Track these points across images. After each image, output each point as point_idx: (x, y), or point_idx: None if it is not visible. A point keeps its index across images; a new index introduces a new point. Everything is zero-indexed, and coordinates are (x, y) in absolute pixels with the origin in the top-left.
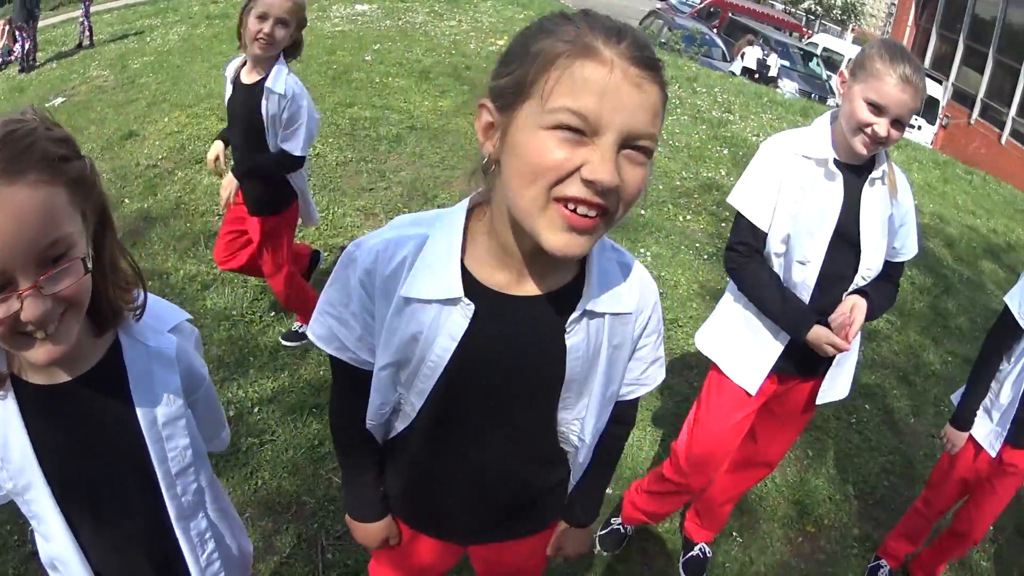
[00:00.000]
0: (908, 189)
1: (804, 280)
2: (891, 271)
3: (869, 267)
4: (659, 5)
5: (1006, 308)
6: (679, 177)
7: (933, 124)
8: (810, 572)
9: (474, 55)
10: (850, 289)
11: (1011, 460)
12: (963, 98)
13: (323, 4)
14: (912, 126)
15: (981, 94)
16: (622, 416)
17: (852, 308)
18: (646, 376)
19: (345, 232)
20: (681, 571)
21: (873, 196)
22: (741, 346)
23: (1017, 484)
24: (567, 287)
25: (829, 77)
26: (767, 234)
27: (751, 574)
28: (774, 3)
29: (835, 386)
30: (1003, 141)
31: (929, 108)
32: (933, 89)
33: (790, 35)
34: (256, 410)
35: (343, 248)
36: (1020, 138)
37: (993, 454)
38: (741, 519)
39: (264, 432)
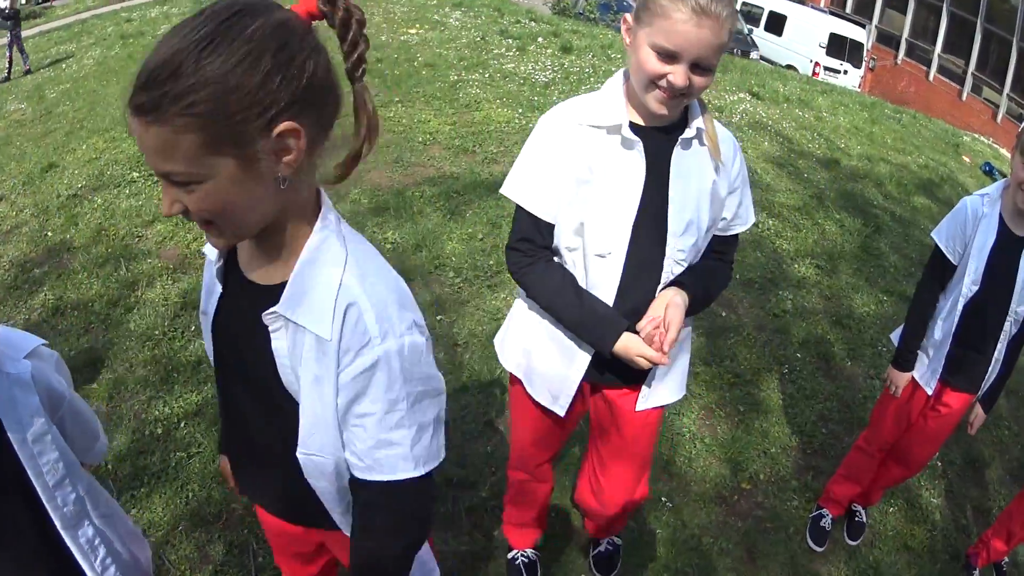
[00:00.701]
0: (734, 147)
1: (606, 278)
2: (722, 248)
3: (680, 249)
4: None
5: (935, 245)
6: None
7: (859, 68)
8: (748, 530)
9: (386, 47)
10: (662, 282)
11: (947, 400)
12: (888, 39)
13: None
14: (837, 71)
15: (905, 34)
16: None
17: (666, 309)
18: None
19: None
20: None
21: (686, 162)
22: (543, 360)
23: (952, 424)
24: None
25: (751, 31)
26: (554, 226)
27: (685, 538)
28: None
29: (662, 388)
30: (931, 78)
31: (854, 52)
32: (857, 33)
33: None
34: (183, 425)
35: None
36: (947, 74)
37: (929, 392)
38: (671, 483)
39: (191, 445)
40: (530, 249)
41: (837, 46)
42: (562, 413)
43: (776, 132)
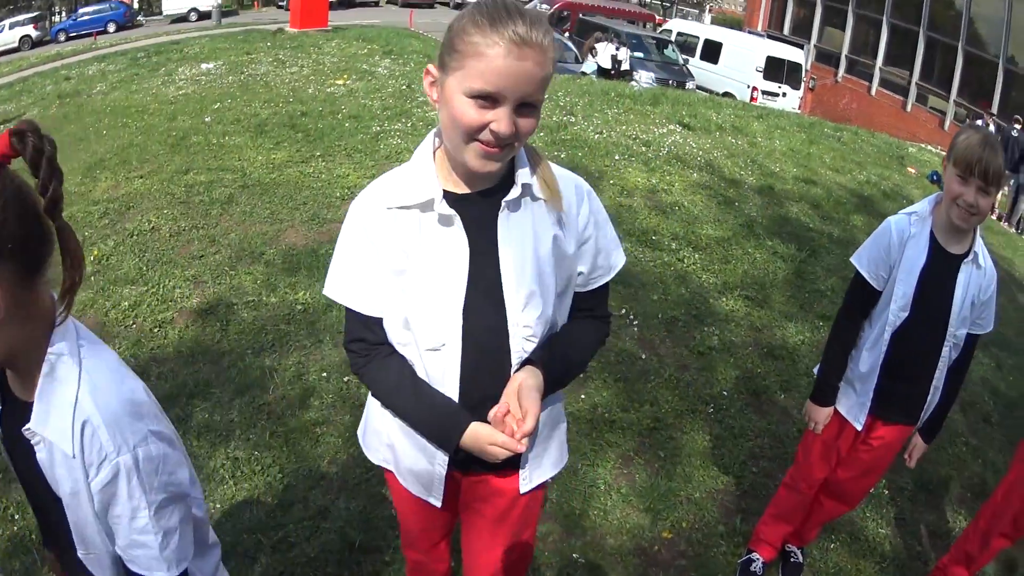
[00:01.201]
0: (580, 191)
1: (445, 371)
2: (589, 303)
3: (526, 324)
4: None
5: (856, 271)
6: None
7: (798, 89)
8: None
9: (311, 100)
10: (514, 364)
11: (880, 433)
12: (828, 58)
13: (169, 68)
14: (776, 94)
15: (845, 51)
16: None
17: (519, 392)
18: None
19: (174, 304)
20: None
21: (516, 225)
22: (405, 455)
23: (889, 456)
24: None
25: (686, 60)
26: (381, 320)
27: None
28: None
29: (543, 464)
30: (873, 92)
31: (793, 73)
32: (795, 54)
33: (644, 26)
34: None
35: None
36: (890, 86)
37: (859, 427)
38: (584, 539)
39: None
40: (363, 348)
41: (775, 69)
42: (438, 504)
43: (706, 162)
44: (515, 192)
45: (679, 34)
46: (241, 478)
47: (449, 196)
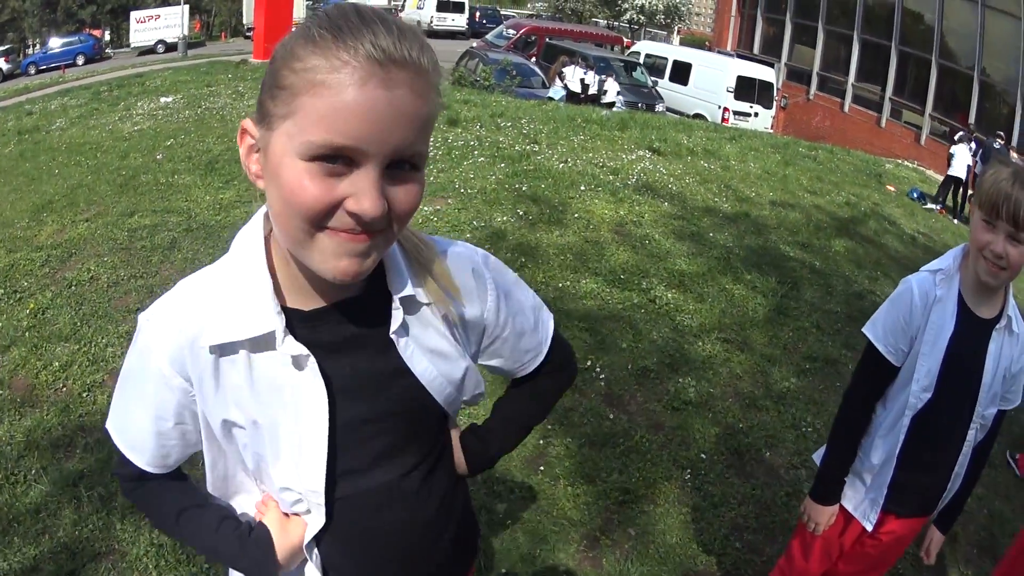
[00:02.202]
0: (476, 272)
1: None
2: (538, 373)
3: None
4: (474, 44)
5: (869, 344)
6: (469, 228)
7: (770, 108)
8: None
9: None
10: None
11: (890, 527)
12: (799, 76)
13: (129, 102)
14: (747, 114)
15: (816, 68)
16: None
17: None
18: None
19: (105, 364)
20: None
21: (416, 358)
22: None
23: (899, 549)
24: None
25: (655, 83)
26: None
27: None
28: (598, 21)
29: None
30: (846, 109)
31: (764, 93)
32: (765, 73)
33: (612, 49)
34: None
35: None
36: (863, 102)
37: (870, 527)
38: None
39: None
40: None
41: (746, 89)
42: None
43: (677, 190)
44: (397, 320)
45: (647, 56)
46: (165, 568)
47: (294, 316)
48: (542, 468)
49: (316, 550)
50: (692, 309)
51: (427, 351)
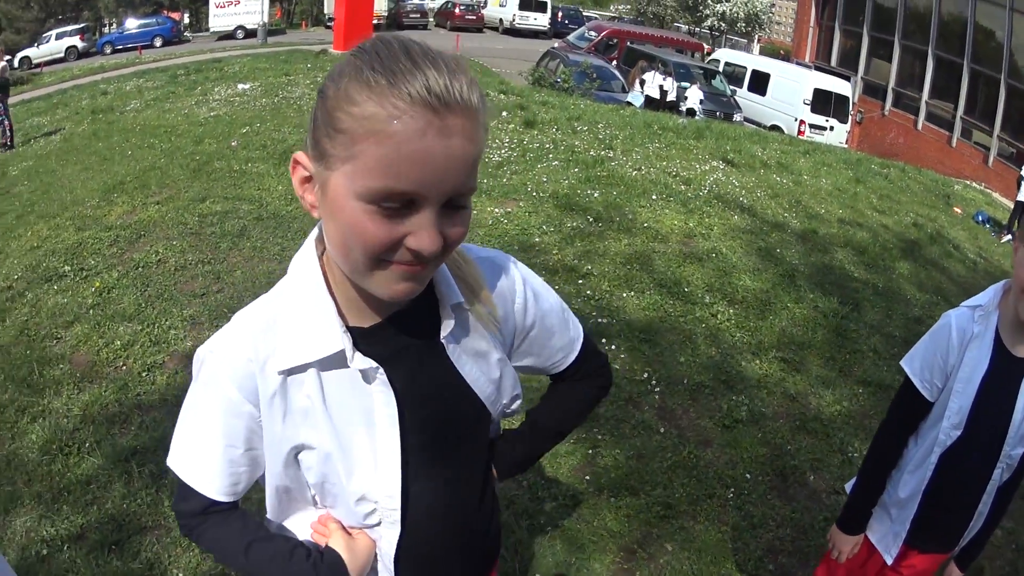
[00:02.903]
0: (506, 277)
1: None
2: (571, 374)
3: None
4: (556, 44)
5: (906, 377)
6: (539, 233)
7: (846, 122)
8: None
9: None
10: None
11: (911, 562)
12: (875, 90)
13: (206, 87)
14: (823, 128)
15: (892, 83)
16: None
17: None
18: None
19: (167, 346)
20: None
21: (467, 361)
22: None
23: None
24: None
25: (734, 92)
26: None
27: None
28: (679, 25)
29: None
30: (919, 127)
31: (840, 106)
32: (842, 87)
33: (692, 56)
34: (65, 548)
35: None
36: (936, 120)
37: (889, 560)
38: None
39: (68, 571)
40: (199, 514)
41: (822, 102)
42: None
43: (748, 204)
44: (447, 327)
45: (727, 64)
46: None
47: (356, 334)
48: (588, 477)
49: (392, 563)
50: (753, 326)
51: (472, 354)
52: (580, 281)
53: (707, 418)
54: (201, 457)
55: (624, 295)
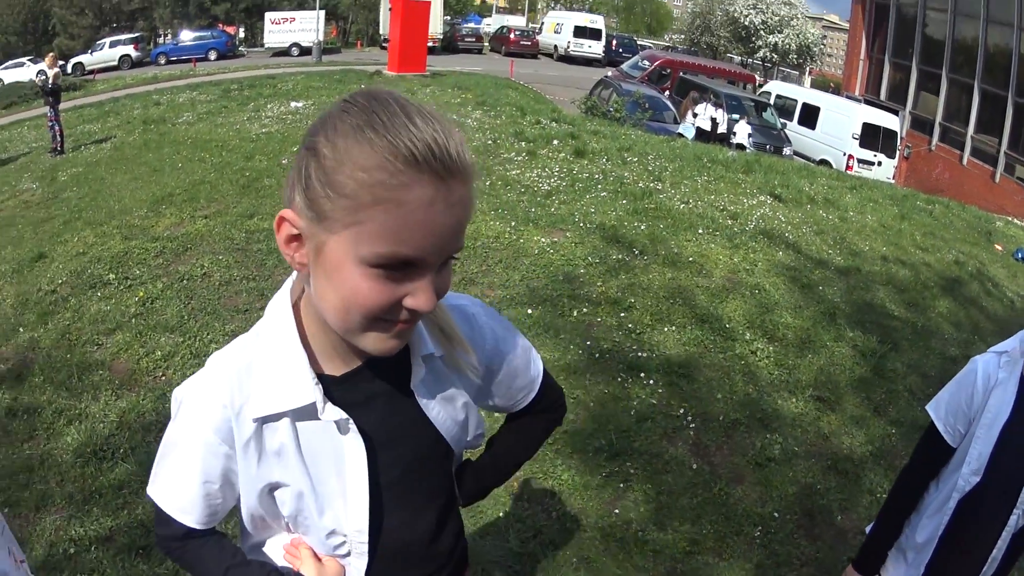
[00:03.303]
0: (471, 320)
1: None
2: (529, 410)
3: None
4: (609, 73)
5: (931, 422)
6: (584, 264)
7: (893, 157)
8: None
9: None
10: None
11: None
12: (922, 125)
13: (259, 103)
14: (871, 163)
15: (939, 118)
16: None
17: None
18: None
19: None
20: None
21: (435, 407)
22: None
23: None
24: None
25: (784, 125)
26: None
27: None
28: (732, 56)
29: None
30: (964, 162)
31: (888, 141)
32: (890, 121)
33: (744, 87)
34: (92, 548)
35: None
36: (980, 155)
37: None
38: None
39: (95, 571)
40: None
41: (871, 136)
42: None
43: (793, 239)
44: (418, 375)
45: (778, 96)
46: None
47: (329, 382)
48: (617, 511)
49: None
50: (791, 364)
51: (440, 399)
52: (622, 314)
53: (740, 455)
54: (180, 490)
55: (665, 329)
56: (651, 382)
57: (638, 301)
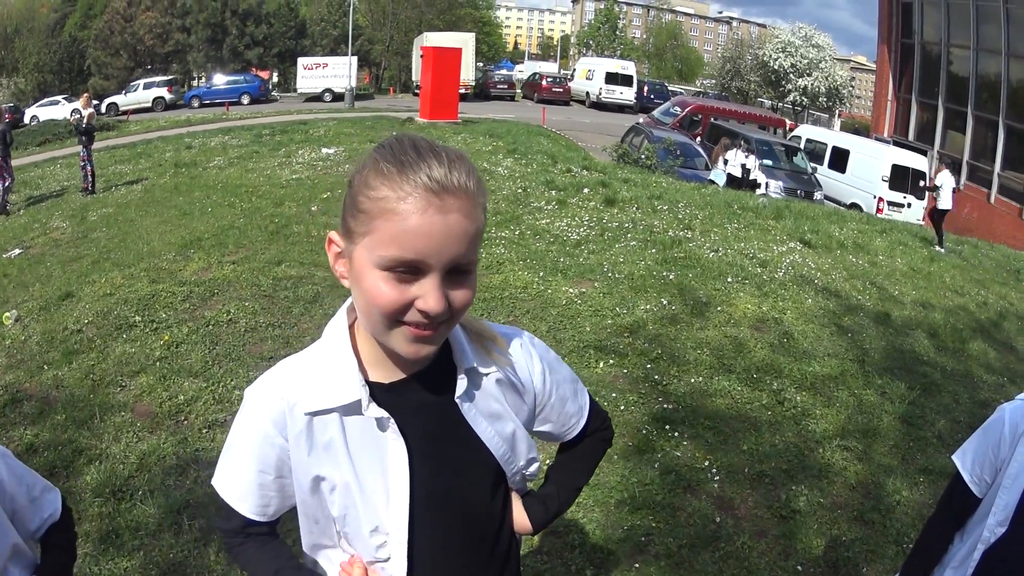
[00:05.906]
0: (523, 347)
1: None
2: (581, 437)
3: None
4: (641, 120)
5: (957, 471)
6: (611, 315)
7: (923, 199)
8: None
9: None
10: None
11: None
12: (950, 165)
13: (290, 149)
14: (901, 205)
15: (966, 156)
16: None
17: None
18: None
19: (230, 406)
20: None
21: (480, 419)
22: None
23: None
24: None
25: (814, 169)
26: (268, 523)
27: None
28: (763, 101)
29: None
30: (992, 200)
31: (917, 182)
32: (919, 162)
33: (774, 132)
34: None
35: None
36: (1007, 193)
37: None
38: None
39: None
40: (240, 534)
41: (900, 178)
42: None
43: (823, 286)
44: (461, 387)
45: (808, 140)
46: None
47: (377, 388)
48: (637, 565)
49: None
50: (819, 414)
51: (486, 414)
52: (648, 365)
53: (765, 507)
54: (237, 479)
55: (693, 381)
56: (676, 434)
57: (664, 353)
